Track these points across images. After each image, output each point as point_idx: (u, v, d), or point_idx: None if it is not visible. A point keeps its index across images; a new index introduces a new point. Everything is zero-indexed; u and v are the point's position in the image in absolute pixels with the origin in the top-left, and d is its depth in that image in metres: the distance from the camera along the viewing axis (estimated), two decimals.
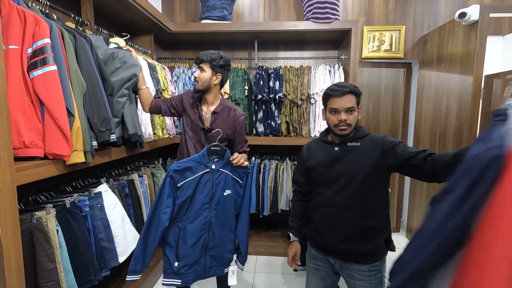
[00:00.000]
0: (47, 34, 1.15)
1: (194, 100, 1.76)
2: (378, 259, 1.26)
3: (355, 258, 1.26)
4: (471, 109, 2.22)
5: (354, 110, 1.25)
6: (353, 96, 1.25)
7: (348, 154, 1.26)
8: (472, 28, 2.21)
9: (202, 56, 1.66)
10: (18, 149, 1.10)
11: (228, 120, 1.72)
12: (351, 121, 1.24)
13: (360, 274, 1.26)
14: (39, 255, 1.20)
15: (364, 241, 1.24)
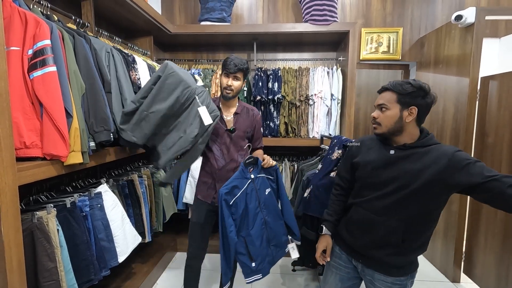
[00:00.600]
0: (48, 36, 1.16)
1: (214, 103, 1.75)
2: (405, 274, 1.17)
3: (380, 267, 1.18)
4: (468, 110, 2.24)
5: (387, 108, 1.12)
6: (392, 94, 1.11)
7: (405, 160, 1.12)
8: (468, 31, 2.24)
9: (239, 65, 1.66)
10: (19, 149, 1.12)
11: (248, 119, 1.80)
12: (381, 120, 1.14)
13: (382, 284, 1.19)
14: (39, 254, 1.22)
15: (395, 254, 1.14)
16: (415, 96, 1.10)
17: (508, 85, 2.01)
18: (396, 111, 1.11)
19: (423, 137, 1.14)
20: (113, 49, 1.68)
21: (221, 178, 1.73)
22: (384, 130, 1.15)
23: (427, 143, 1.12)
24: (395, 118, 1.11)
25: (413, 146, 1.12)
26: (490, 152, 2.16)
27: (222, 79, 1.71)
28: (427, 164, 1.07)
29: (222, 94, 1.71)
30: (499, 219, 2.05)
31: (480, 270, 2.23)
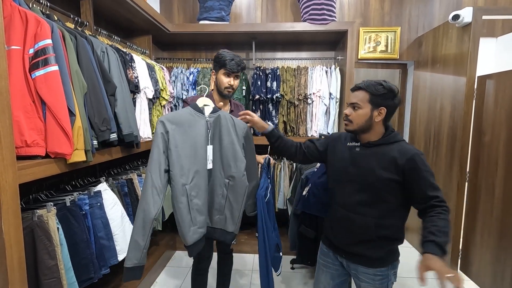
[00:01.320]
0: (49, 35, 1.16)
1: None
2: (385, 265, 1.23)
3: (362, 261, 1.25)
4: (465, 109, 2.26)
5: (359, 107, 1.18)
6: (365, 93, 1.17)
7: (368, 157, 1.20)
8: (465, 30, 2.26)
9: (241, 64, 1.63)
10: (20, 148, 1.12)
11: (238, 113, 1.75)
12: (353, 117, 1.20)
13: (365, 276, 1.25)
14: (40, 252, 1.22)
15: (373, 247, 1.21)
16: (386, 97, 1.17)
17: (505, 84, 2.03)
18: (367, 110, 1.18)
19: (387, 135, 1.21)
20: (108, 48, 1.69)
21: None
22: (355, 127, 1.21)
23: (390, 141, 1.19)
24: (366, 116, 1.18)
25: (377, 143, 1.20)
26: (486, 150, 2.18)
27: (221, 78, 1.63)
28: (387, 161, 1.15)
29: (222, 93, 1.66)
30: (495, 218, 2.08)
31: (477, 268, 2.25)
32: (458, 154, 2.32)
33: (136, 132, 1.79)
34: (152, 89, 2.14)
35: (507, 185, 1.99)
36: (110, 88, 1.55)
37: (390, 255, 1.25)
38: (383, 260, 1.23)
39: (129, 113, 1.74)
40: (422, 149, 2.85)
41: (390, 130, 1.23)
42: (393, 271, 1.26)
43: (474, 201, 2.28)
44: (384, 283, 1.25)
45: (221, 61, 1.62)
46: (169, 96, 2.46)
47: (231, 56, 1.60)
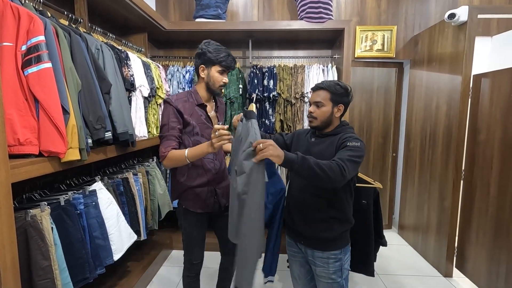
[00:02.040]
0: (42, 32, 1.15)
1: (189, 103, 1.52)
2: (337, 248, 1.34)
3: (317, 244, 1.35)
4: (460, 107, 2.27)
5: (323, 105, 1.33)
6: (327, 93, 1.33)
7: (318, 145, 1.36)
8: (461, 29, 2.27)
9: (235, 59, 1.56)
10: (13, 146, 1.10)
11: (222, 108, 1.73)
12: (317, 114, 1.34)
13: (320, 260, 1.35)
14: (33, 252, 1.20)
15: (326, 229, 1.32)
16: (343, 95, 1.34)
17: (500, 83, 2.05)
18: (329, 107, 1.34)
19: (339, 127, 1.37)
20: (103, 45, 1.67)
21: (219, 181, 1.60)
22: (318, 123, 1.36)
23: (337, 132, 1.35)
24: (328, 113, 1.34)
25: (328, 134, 1.36)
26: (482, 148, 2.19)
27: (216, 75, 1.49)
28: (331, 146, 1.31)
29: (215, 91, 1.53)
30: (490, 216, 2.09)
31: (472, 265, 2.27)
32: (454, 152, 2.33)
33: (131, 131, 1.77)
34: (147, 87, 2.12)
35: (501, 183, 2.01)
36: (105, 86, 1.53)
37: (342, 239, 1.35)
38: (336, 243, 1.34)
39: (124, 111, 1.72)
40: (418, 147, 2.86)
41: (342, 124, 1.39)
42: (345, 255, 1.37)
43: (470, 199, 2.30)
44: (338, 267, 1.35)
45: (214, 57, 1.47)
46: (165, 95, 2.44)
47: (225, 52, 1.48)
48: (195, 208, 1.57)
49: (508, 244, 1.94)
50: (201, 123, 1.53)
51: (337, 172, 1.11)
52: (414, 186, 2.92)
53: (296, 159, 1.11)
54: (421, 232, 2.79)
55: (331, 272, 1.34)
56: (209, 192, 1.57)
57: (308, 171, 1.11)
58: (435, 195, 2.57)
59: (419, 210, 2.82)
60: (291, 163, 1.13)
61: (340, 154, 1.20)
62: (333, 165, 1.13)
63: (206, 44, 1.51)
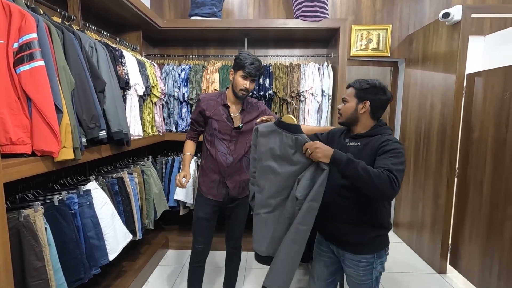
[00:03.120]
0: (34, 29, 1.13)
1: (216, 101, 1.74)
2: (370, 252, 1.29)
3: (348, 247, 1.31)
4: (454, 106, 2.30)
5: (347, 101, 1.34)
6: (352, 89, 1.33)
7: (354, 147, 1.30)
8: (455, 28, 2.29)
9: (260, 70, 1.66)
10: (5, 145, 1.08)
11: (254, 112, 1.80)
12: (342, 110, 1.35)
13: (351, 262, 1.31)
14: (27, 253, 1.19)
15: (358, 232, 1.27)
16: (368, 92, 1.29)
17: (493, 82, 2.07)
18: (353, 103, 1.31)
19: (373, 128, 1.31)
20: (96, 43, 1.65)
21: (230, 175, 1.74)
22: (343, 119, 1.36)
23: (375, 133, 1.29)
24: (351, 109, 1.32)
25: (363, 135, 1.31)
26: (475, 146, 2.22)
27: (238, 79, 1.65)
28: (367, 149, 1.25)
29: (237, 94, 1.68)
30: (484, 213, 2.12)
31: (466, 262, 2.30)
32: (448, 150, 2.36)
33: (126, 130, 1.75)
34: (142, 86, 2.11)
35: (494, 180, 2.03)
36: (99, 84, 1.52)
37: (376, 243, 1.29)
38: (368, 247, 1.29)
39: (119, 110, 1.70)
40: (413, 146, 2.88)
41: (378, 124, 1.32)
42: (379, 260, 1.31)
43: (463, 197, 2.33)
44: (369, 270, 1.30)
45: (241, 63, 1.63)
46: (160, 93, 2.43)
47: (251, 60, 1.62)
48: (206, 193, 1.77)
49: (501, 241, 1.97)
50: (221, 121, 1.71)
51: (385, 183, 1.06)
52: (408, 184, 2.95)
53: (342, 160, 1.11)
54: (415, 230, 2.81)
55: (361, 275, 1.30)
56: (221, 183, 1.74)
57: (354, 176, 1.09)
58: (430, 193, 2.59)
59: (414, 208, 2.84)
60: (337, 164, 1.13)
61: (384, 162, 1.13)
62: (382, 175, 1.07)
63: (241, 52, 1.70)
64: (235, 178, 1.76)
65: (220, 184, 1.74)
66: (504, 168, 1.95)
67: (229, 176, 1.74)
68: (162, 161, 2.77)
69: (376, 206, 1.28)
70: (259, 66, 1.65)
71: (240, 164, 1.75)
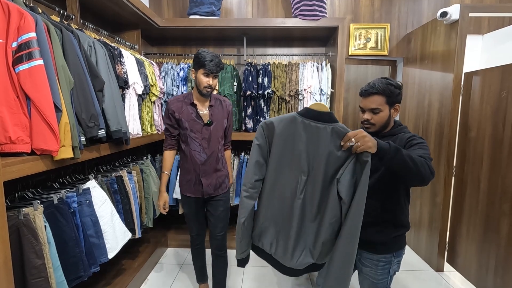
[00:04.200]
0: (33, 28, 1.13)
1: (183, 102, 1.79)
2: (389, 251, 1.29)
3: (368, 246, 1.30)
4: (452, 105, 2.31)
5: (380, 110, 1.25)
6: (381, 97, 1.24)
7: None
8: (453, 27, 2.29)
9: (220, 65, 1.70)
10: (4, 144, 1.09)
11: (222, 110, 1.86)
12: (375, 121, 1.28)
13: (369, 262, 1.32)
14: (26, 251, 1.19)
15: (378, 232, 1.28)
16: (397, 94, 1.27)
17: (490, 81, 2.08)
18: (386, 111, 1.27)
19: (395, 127, 1.32)
20: (95, 42, 1.65)
21: (205, 172, 1.81)
22: (377, 128, 1.30)
23: (395, 132, 1.31)
24: (386, 117, 1.28)
25: (385, 135, 1.31)
26: (472, 145, 2.23)
27: (201, 77, 1.70)
28: None
29: (202, 92, 1.74)
30: (481, 211, 2.14)
31: (463, 259, 2.32)
32: (445, 149, 2.37)
33: (125, 129, 1.76)
34: (141, 85, 2.11)
35: (491, 179, 2.05)
36: (98, 83, 1.52)
37: (395, 242, 1.30)
38: (388, 247, 1.29)
39: (118, 109, 1.70)
40: None
41: (398, 124, 1.34)
42: (397, 259, 1.32)
43: (461, 195, 2.34)
44: (386, 269, 1.30)
45: (200, 61, 1.67)
46: (159, 92, 2.43)
47: (210, 57, 1.66)
48: (185, 192, 1.86)
49: (498, 238, 1.98)
50: (191, 119, 1.77)
51: (426, 169, 1.07)
52: None
53: (389, 149, 1.05)
54: (413, 228, 2.83)
55: (378, 273, 1.30)
56: (196, 180, 1.81)
57: (401, 163, 1.05)
58: (427, 191, 2.61)
59: (412, 206, 2.86)
60: (383, 153, 1.05)
61: (417, 152, 1.13)
62: (422, 160, 1.07)
63: (199, 50, 1.72)
64: (210, 176, 1.82)
65: (196, 182, 1.81)
66: (501, 166, 1.96)
67: (203, 174, 1.80)
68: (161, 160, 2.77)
69: (398, 204, 1.28)
70: (218, 62, 1.69)
71: (215, 161, 1.82)
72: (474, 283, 2.20)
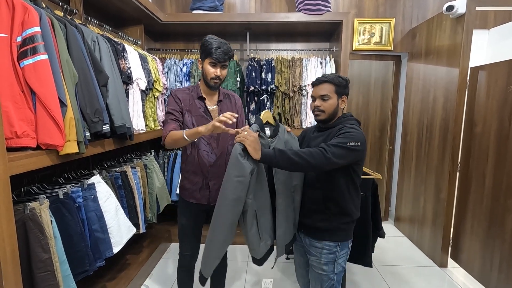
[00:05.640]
0: (37, 22, 1.12)
1: (190, 95, 1.58)
2: (333, 239, 1.33)
3: (313, 233, 1.37)
4: (457, 100, 2.29)
5: (329, 97, 1.34)
6: (331, 85, 1.34)
7: (318, 138, 1.38)
8: (459, 21, 2.26)
9: (228, 53, 1.49)
10: (10, 139, 1.09)
11: (231, 105, 1.67)
12: (324, 107, 1.35)
13: (314, 250, 1.37)
14: (33, 245, 1.20)
15: (321, 219, 1.34)
16: (345, 87, 1.37)
17: (497, 76, 2.06)
18: (335, 100, 1.35)
19: (339, 119, 1.37)
20: (99, 37, 1.65)
21: (214, 175, 1.59)
22: (326, 116, 1.36)
23: (337, 123, 1.35)
24: (334, 105, 1.35)
25: (328, 127, 1.38)
26: (478, 141, 2.21)
27: (207, 67, 1.50)
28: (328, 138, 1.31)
29: (209, 84, 1.53)
30: (485, 206, 2.13)
31: (466, 255, 2.32)
32: (450, 144, 2.35)
33: (129, 124, 1.76)
34: (145, 80, 2.10)
35: (497, 174, 2.03)
36: (102, 78, 1.52)
37: (340, 231, 1.34)
38: (332, 234, 1.33)
39: (122, 104, 1.70)
40: (415, 140, 2.88)
41: (344, 115, 1.39)
42: (342, 251, 1.35)
43: (465, 191, 2.33)
44: (331, 259, 1.34)
45: (207, 50, 1.47)
46: (163, 88, 2.43)
47: (217, 44, 1.46)
48: (188, 197, 1.63)
49: (502, 234, 1.98)
50: (198, 115, 1.56)
51: (318, 157, 1.14)
52: (410, 178, 2.95)
53: (273, 153, 1.14)
54: (417, 224, 2.83)
55: (322, 262, 1.35)
56: (204, 185, 1.60)
57: (287, 163, 1.14)
58: (431, 187, 2.60)
59: (415, 202, 2.85)
60: (269, 158, 1.15)
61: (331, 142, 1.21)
62: (313, 150, 1.15)
63: (206, 37, 1.52)
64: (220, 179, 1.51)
65: (203, 187, 1.60)
66: (506, 161, 1.95)
67: (212, 177, 1.59)
68: (165, 156, 2.78)
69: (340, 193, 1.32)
70: (227, 49, 1.48)
71: (224, 162, 1.60)
72: (478, 279, 2.20)
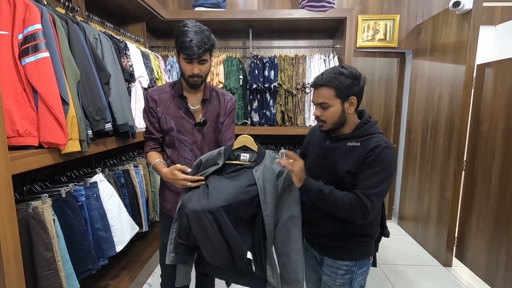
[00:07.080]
0: (38, 20, 1.11)
1: (170, 94, 1.35)
2: (350, 259, 1.17)
3: (328, 252, 1.22)
4: (463, 98, 2.25)
5: (328, 105, 1.09)
6: (329, 89, 1.07)
7: (336, 151, 1.15)
8: (465, 18, 2.23)
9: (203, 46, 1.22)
10: (12, 138, 1.09)
11: (219, 106, 1.40)
12: (325, 117, 1.11)
13: (329, 269, 1.21)
14: (36, 244, 1.20)
15: (338, 238, 1.17)
16: (351, 86, 1.07)
17: (504, 73, 2.02)
18: (337, 106, 1.09)
19: (359, 127, 1.13)
20: (101, 34, 1.64)
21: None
22: (330, 126, 1.13)
23: (360, 134, 1.12)
24: (338, 113, 1.10)
25: (346, 137, 1.13)
26: (484, 139, 2.18)
27: (183, 64, 1.26)
28: (350, 155, 1.09)
29: (188, 82, 1.30)
30: (491, 205, 2.10)
31: (471, 254, 2.29)
32: (456, 143, 2.32)
33: (131, 122, 1.75)
34: (147, 78, 2.09)
35: (503, 173, 2.00)
36: (104, 76, 1.51)
37: (358, 249, 1.18)
38: (349, 252, 1.17)
39: (124, 102, 1.69)
40: (420, 138, 2.85)
41: (364, 121, 1.14)
42: (361, 270, 1.18)
43: (470, 190, 2.30)
44: (347, 280, 1.17)
45: (178, 42, 1.23)
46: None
47: (191, 35, 1.19)
48: (169, 211, 1.41)
49: (508, 233, 1.95)
50: (178, 116, 1.33)
51: (356, 213, 1.01)
52: (414, 177, 2.92)
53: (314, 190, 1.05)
54: (421, 223, 2.80)
55: (337, 284, 1.18)
56: None
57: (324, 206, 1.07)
58: (436, 185, 2.57)
59: (420, 201, 2.83)
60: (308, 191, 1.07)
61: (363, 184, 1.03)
62: (353, 202, 1.01)
63: (179, 24, 1.26)
64: None
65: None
66: None
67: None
68: None
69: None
70: (201, 40, 1.20)
71: None
72: (483, 278, 2.18)
